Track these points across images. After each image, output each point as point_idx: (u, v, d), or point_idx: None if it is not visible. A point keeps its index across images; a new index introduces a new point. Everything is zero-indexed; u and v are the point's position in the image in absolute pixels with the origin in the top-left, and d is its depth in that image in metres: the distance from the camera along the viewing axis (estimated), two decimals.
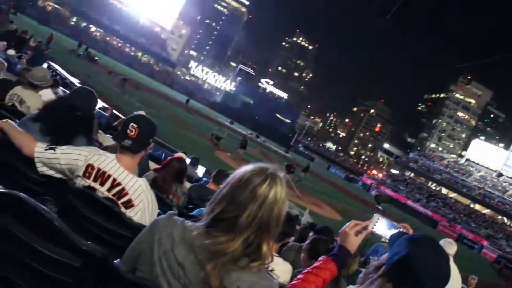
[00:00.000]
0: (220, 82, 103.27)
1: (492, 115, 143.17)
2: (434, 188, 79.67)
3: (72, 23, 71.07)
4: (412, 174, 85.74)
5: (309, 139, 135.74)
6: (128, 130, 2.42)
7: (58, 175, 2.48)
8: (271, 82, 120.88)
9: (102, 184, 2.41)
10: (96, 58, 46.05)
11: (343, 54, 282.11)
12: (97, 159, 2.43)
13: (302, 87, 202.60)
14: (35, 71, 4.70)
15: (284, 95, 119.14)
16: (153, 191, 2.56)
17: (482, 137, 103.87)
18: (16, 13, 42.42)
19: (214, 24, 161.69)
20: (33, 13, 54.54)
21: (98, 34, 77.57)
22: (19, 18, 39.70)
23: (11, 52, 13.12)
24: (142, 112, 10.03)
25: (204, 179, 9.71)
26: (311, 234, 4.11)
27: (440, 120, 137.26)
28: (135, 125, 2.43)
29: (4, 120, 2.59)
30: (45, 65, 16.71)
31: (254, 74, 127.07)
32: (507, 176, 78.85)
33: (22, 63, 12.70)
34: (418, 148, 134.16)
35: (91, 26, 75.88)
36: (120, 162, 2.45)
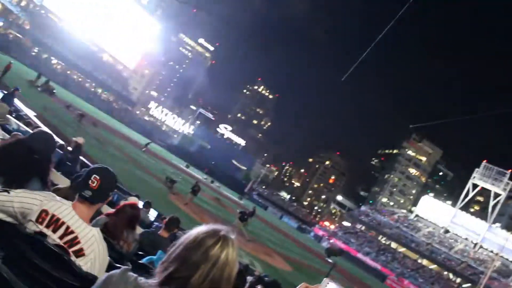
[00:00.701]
0: (179, 125, 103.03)
1: (441, 173, 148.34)
2: (384, 242, 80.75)
3: (33, 53, 69.95)
4: (363, 227, 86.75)
5: (263, 187, 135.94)
6: (90, 181, 2.42)
7: (8, 219, 2.42)
8: (229, 128, 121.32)
9: (54, 231, 2.36)
10: (54, 91, 45.15)
11: (302, 106, 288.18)
12: (52, 205, 2.40)
13: (260, 135, 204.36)
14: None
15: (241, 142, 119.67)
16: (104, 238, 2.55)
17: (431, 194, 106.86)
18: None
19: (177, 66, 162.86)
20: None
21: (59, 66, 76.49)
22: None
23: None
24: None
25: (156, 223, 9.58)
26: None
27: (392, 176, 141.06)
28: (97, 177, 2.43)
29: None
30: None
31: (213, 119, 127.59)
32: (453, 233, 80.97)
33: None
34: (370, 201, 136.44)
35: (52, 58, 74.87)
36: (75, 210, 2.43)
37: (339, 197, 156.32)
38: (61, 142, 14.92)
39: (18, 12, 69.92)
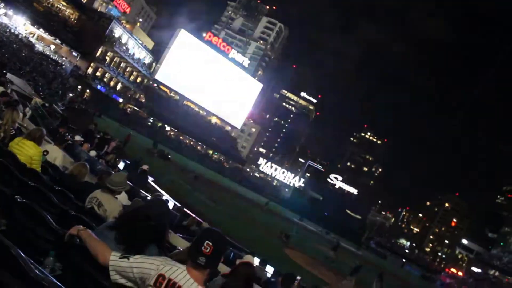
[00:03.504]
0: (289, 179, 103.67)
1: None
2: None
3: (149, 123, 75.29)
4: (497, 273, 79.48)
5: (382, 235, 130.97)
6: (203, 248, 2.44)
7: (129, 284, 2.54)
8: (340, 178, 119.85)
9: None
10: (169, 156, 47.95)
11: (413, 148, 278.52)
12: (168, 270, 2.47)
13: (372, 182, 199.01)
14: (113, 176, 5.02)
15: (353, 190, 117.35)
16: None
17: None
18: (101, 115, 45.84)
19: (282, 122, 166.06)
20: (115, 115, 58.11)
21: (172, 133, 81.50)
22: (103, 120, 42.59)
23: (93, 153, 13.91)
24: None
25: (273, 279, 9.51)
26: None
27: None
28: (210, 243, 2.44)
29: (83, 228, 2.74)
30: (122, 164, 17.57)
31: (323, 170, 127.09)
32: None
33: (102, 163, 13.40)
34: (502, 243, 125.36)
35: (166, 126, 79.97)
36: (190, 274, 2.47)
37: (465, 241, 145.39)
38: (178, 204, 15.63)
39: (134, 87, 76.19)
